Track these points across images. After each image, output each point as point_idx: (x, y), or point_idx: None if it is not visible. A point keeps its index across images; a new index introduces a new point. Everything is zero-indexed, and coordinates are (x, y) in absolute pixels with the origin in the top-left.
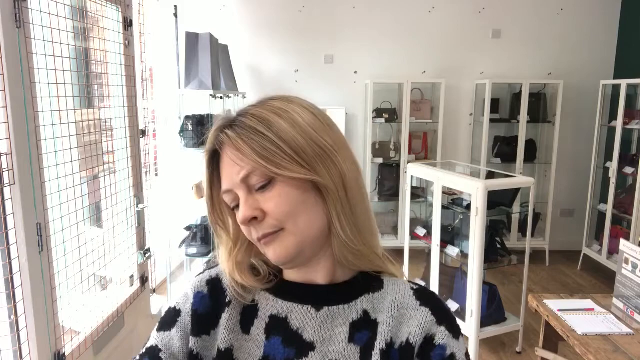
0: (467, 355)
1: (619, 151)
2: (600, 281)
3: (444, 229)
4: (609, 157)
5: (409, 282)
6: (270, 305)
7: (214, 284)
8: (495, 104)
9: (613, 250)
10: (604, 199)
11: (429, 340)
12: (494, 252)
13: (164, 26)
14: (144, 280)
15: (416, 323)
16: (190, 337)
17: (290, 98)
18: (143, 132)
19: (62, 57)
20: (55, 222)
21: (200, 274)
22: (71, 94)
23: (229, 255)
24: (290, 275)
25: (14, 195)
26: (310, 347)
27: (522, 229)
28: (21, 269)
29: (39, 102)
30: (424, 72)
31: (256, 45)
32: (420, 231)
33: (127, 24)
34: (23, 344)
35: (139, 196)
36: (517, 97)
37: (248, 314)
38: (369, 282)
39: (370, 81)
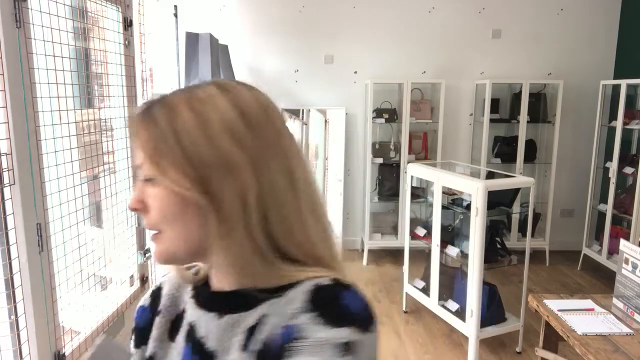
0: (345, 345)
1: (619, 151)
2: (600, 281)
3: (444, 229)
4: (609, 157)
5: (332, 279)
6: (190, 313)
7: (156, 294)
8: (495, 104)
9: (613, 250)
10: (604, 199)
11: (288, 324)
12: (494, 252)
13: (164, 26)
14: (144, 280)
15: (289, 313)
16: (134, 350)
17: (228, 87)
18: None
19: (62, 57)
20: (55, 222)
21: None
22: (71, 94)
23: None
24: (210, 281)
25: (14, 195)
26: (212, 356)
27: (522, 229)
28: (21, 269)
29: (39, 102)
30: (424, 72)
31: (256, 45)
32: (420, 231)
33: (127, 24)
34: (23, 344)
35: None
36: (517, 97)
37: (177, 322)
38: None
39: (370, 81)
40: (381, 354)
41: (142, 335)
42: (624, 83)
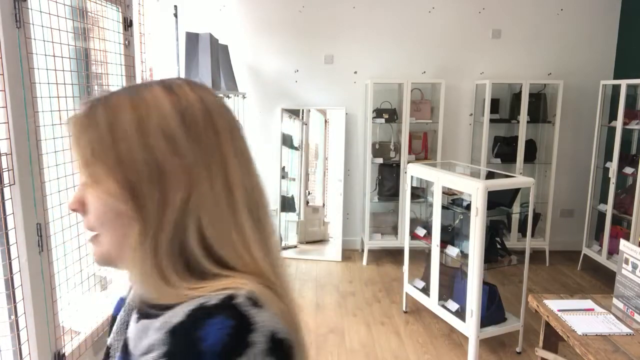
0: None
1: (619, 151)
2: (600, 281)
3: (444, 229)
4: (609, 157)
5: (228, 296)
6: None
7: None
8: (495, 104)
9: (613, 250)
10: (604, 199)
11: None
12: (494, 252)
13: (164, 26)
14: None
15: (153, 338)
16: (108, 338)
17: (174, 88)
18: None
19: (62, 57)
20: (55, 222)
21: None
22: (71, 94)
23: None
24: None
25: (14, 196)
26: (130, 356)
27: (522, 229)
28: (21, 269)
29: (39, 102)
30: (424, 72)
31: (256, 45)
32: (420, 231)
33: (127, 24)
34: (23, 344)
35: None
36: (517, 97)
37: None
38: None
39: (370, 81)
40: (381, 354)
41: (114, 324)
42: (624, 83)
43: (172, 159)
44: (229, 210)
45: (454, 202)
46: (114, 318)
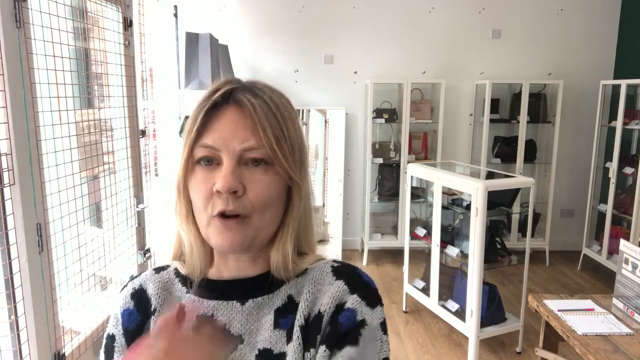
0: (382, 325)
1: (619, 151)
2: (600, 281)
3: (444, 229)
4: (609, 157)
5: (333, 260)
6: (195, 307)
7: (139, 295)
8: (495, 104)
9: (613, 251)
10: (604, 199)
11: (339, 307)
12: (494, 252)
13: (164, 26)
14: None
15: (329, 294)
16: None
17: (286, 97)
18: (143, 132)
19: (62, 57)
20: (55, 222)
21: (124, 287)
22: (71, 94)
23: (187, 213)
24: (215, 273)
25: (14, 196)
26: (239, 339)
27: (522, 229)
28: (21, 269)
29: (39, 102)
30: (424, 72)
31: (256, 45)
32: (420, 231)
33: (127, 24)
34: (23, 344)
35: (138, 196)
36: (517, 97)
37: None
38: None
39: (370, 81)
40: None
41: (135, 337)
42: (624, 83)
43: (306, 151)
44: (311, 200)
45: (454, 202)
46: (128, 332)
